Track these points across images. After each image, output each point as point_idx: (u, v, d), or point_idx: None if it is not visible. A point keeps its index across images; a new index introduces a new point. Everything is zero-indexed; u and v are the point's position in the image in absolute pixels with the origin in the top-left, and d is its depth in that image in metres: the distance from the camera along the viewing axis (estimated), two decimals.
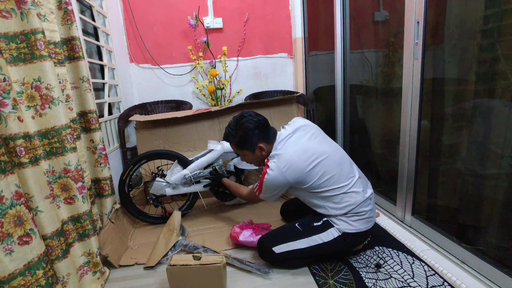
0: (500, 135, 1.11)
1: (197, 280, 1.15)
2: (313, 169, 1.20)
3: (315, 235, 1.26)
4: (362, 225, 1.25)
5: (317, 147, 1.24)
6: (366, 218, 1.25)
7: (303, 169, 1.20)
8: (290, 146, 1.24)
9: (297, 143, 1.25)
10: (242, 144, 1.29)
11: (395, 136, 1.56)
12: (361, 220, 1.24)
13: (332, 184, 1.22)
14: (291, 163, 1.19)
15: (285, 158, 1.20)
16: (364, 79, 1.99)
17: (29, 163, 0.96)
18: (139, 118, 2.04)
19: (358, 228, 1.24)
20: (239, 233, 1.50)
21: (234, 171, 1.87)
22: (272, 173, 1.21)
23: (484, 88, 1.17)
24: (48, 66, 1.08)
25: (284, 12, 2.76)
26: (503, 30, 1.07)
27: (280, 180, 1.21)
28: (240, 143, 1.29)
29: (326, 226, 1.26)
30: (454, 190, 1.36)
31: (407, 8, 1.37)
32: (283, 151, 1.23)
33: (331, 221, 1.26)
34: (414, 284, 1.16)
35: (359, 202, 1.22)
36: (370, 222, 1.28)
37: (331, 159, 1.23)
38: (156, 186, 1.76)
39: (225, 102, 2.71)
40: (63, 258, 1.09)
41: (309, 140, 1.27)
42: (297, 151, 1.22)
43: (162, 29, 2.63)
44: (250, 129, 1.25)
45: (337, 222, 1.25)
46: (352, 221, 1.23)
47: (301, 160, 1.20)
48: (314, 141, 1.27)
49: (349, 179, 1.24)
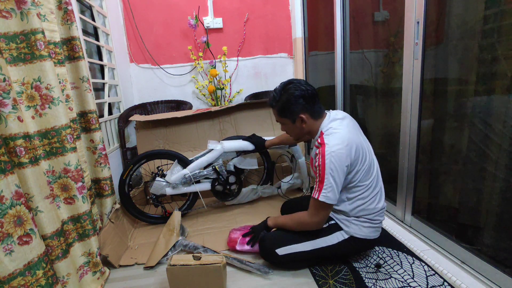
0: (500, 134, 1.11)
1: (197, 280, 1.15)
2: (365, 160, 1.16)
3: (320, 238, 1.25)
4: (372, 233, 1.24)
5: (364, 141, 1.21)
6: (376, 228, 1.25)
7: (356, 151, 1.12)
8: (346, 127, 1.16)
9: (352, 127, 1.19)
10: (283, 110, 1.21)
11: (395, 136, 1.56)
12: (372, 228, 1.24)
13: (364, 181, 1.18)
14: (351, 142, 1.11)
15: (344, 135, 1.11)
16: (364, 79, 1.99)
17: (29, 163, 0.96)
18: (139, 118, 2.04)
19: (367, 234, 1.23)
20: (235, 241, 1.47)
21: (234, 171, 1.87)
22: (335, 146, 1.09)
23: (484, 88, 1.17)
24: (48, 66, 1.08)
25: (284, 12, 2.76)
26: (503, 30, 1.07)
27: (344, 154, 1.08)
28: (281, 110, 1.21)
29: (332, 229, 1.25)
30: (454, 190, 1.36)
31: (407, 8, 1.37)
32: (342, 130, 1.13)
33: (341, 223, 1.24)
34: (414, 284, 1.16)
35: (377, 210, 1.22)
36: (378, 232, 1.28)
37: (370, 158, 1.21)
38: (156, 186, 1.76)
39: (225, 102, 2.71)
40: (63, 258, 1.09)
41: (357, 129, 1.23)
42: (355, 134, 1.17)
43: (162, 29, 2.63)
44: (294, 96, 1.16)
45: (348, 224, 1.23)
46: (364, 226, 1.22)
47: (356, 142, 1.13)
48: (360, 133, 1.23)
49: (377, 186, 1.23)
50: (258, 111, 2.26)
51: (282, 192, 2.08)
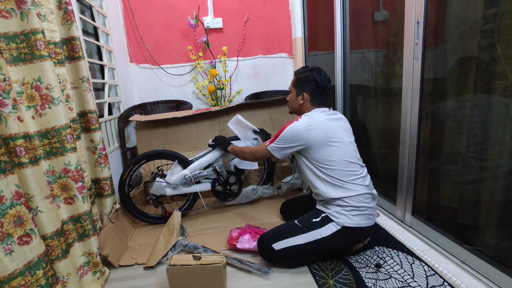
0: (500, 134, 1.11)
1: (197, 280, 1.15)
2: (328, 147, 1.29)
3: (314, 231, 1.28)
4: (362, 220, 1.26)
5: (343, 137, 1.33)
6: (366, 215, 1.26)
7: (323, 139, 1.28)
8: (326, 117, 1.34)
9: (332, 120, 1.35)
10: (297, 81, 1.43)
11: (395, 136, 1.56)
12: (361, 215, 1.25)
13: (335, 167, 1.28)
14: (318, 127, 1.29)
15: (316, 120, 1.31)
16: (364, 79, 1.99)
17: (29, 163, 0.96)
18: (139, 118, 2.04)
19: (358, 223, 1.25)
20: (236, 240, 1.48)
21: (234, 171, 1.87)
22: (299, 124, 1.31)
23: (484, 88, 1.17)
24: (48, 66, 1.08)
25: (284, 12, 2.76)
26: (503, 30, 1.07)
27: (302, 133, 1.29)
28: (297, 80, 1.43)
29: (325, 222, 1.28)
30: (454, 190, 1.36)
31: (407, 8, 1.37)
32: (318, 116, 1.33)
33: (331, 216, 1.27)
34: (414, 284, 1.16)
35: (358, 194, 1.25)
36: (371, 220, 1.29)
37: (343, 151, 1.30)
38: (156, 186, 1.76)
39: (225, 102, 2.71)
40: (63, 258, 1.09)
41: (341, 128, 1.36)
42: (328, 124, 1.32)
43: (162, 29, 2.63)
44: (312, 77, 1.37)
45: (337, 216, 1.26)
46: (353, 215, 1.25)
47: (326, 131, 1.29)
48: (343, 132, 1.35)
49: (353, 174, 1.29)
50: (258, 111, 2.26)
51: (282, 192, 2.08)
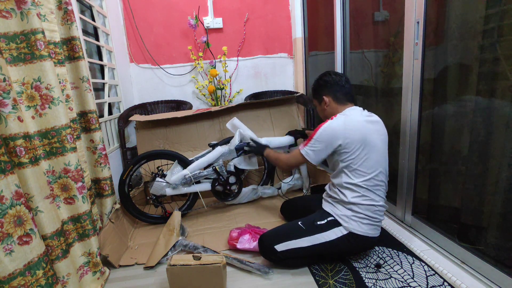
0: (501, 134, 1.11)
1: (197, 280, 1.15)
2: (363, 151, 1.23)
3: (318, 234, 1.26)
4: (371, 230, 1.25)
5: (377, 143, 1.26)
6: (376, 225, 1.26)
7: (360, 141, 1.22)
8: (363, 118, 1.28)
9: (369, 122, 1.28)
10: (314, 93, 1.43)
11: (395, 136, 1.56)
12: (371, 225, 1.25)
13: (365, 172, 1.24)
14: (354, 127, 1.23)
15: (353, 119, 1.25)
16: (364, 79, 1.99)
17: (29, 163, 0.96)
18: (139, 118, 2.04)
19: (366, 232, 1.24)
20: (236, 240, 1.48)
21: (234, 171, 1.87)
22: (335, 122, 1.26)
23: (485, 88, 1.17)
24: (48, 66, 1.08)
25: (284, 12, 2.76)
26: (503, 30, 1.07)
27: (339, 131, 1.23)
28: (313, 92, 1.44)
29: (330, 225, 1.26)
30: (455, 189, 1.36)
31: (407, 8, 1.37)
32: (355, 116, 1.27)
33: (340, 219, 1.26)
34: (414, 284, 1.16)
35: (376, 205, 1.24)
36: (377, 231, 1.29)
37: (378, 157, 1.25)
38: (156, 186, 1.76)
39: (225, 102, 2.71)
40: (63, 258, 1.09)
41: (377, 132, 1.28)
42: (365, 126, 1.25)
43: (162, 29, 2.63)
44: (322, 80, 1.37)
45: (347, 220, 1.24)
46: (363, 223, 1.23)
47: (363, 133, 1.23)
48: (379, 137, 1.29)
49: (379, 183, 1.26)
50: (258, 111, 2.26)
51: (282, 192, 2.08)
